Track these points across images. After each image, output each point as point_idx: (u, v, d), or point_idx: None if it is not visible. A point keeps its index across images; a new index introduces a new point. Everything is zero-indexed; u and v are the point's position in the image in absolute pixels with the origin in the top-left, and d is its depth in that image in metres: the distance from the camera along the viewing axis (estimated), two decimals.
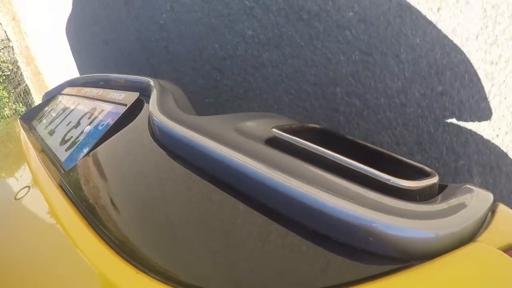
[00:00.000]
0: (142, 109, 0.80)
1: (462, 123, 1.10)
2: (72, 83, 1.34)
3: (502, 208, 0.47)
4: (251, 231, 0.44)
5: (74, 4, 2.21)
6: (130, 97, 0.86)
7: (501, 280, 0.35)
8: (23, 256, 0.56)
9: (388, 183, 0.43)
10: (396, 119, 1.20)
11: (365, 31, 1.16)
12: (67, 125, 0.99)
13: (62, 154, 0.84)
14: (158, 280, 0.41)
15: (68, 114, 1.05)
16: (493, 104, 1.03)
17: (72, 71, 2.49)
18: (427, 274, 0.34)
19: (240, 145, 0.51)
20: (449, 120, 1.12)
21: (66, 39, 2.42)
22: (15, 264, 0.56)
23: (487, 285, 0.34)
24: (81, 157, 0.76)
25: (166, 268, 0.43)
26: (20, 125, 1.19)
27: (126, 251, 0.47)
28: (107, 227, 0.53)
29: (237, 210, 0.46)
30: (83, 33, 2.27)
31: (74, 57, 2.46)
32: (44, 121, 1.17)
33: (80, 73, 2.46)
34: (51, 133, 1.02)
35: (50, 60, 2.79)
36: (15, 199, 0.69)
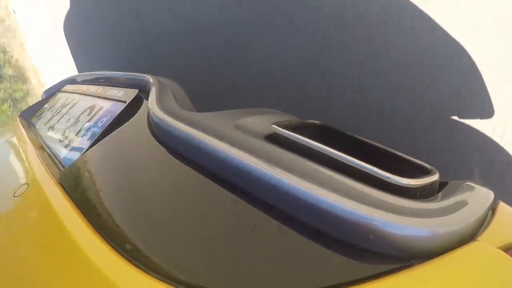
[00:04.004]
0: (141, 106, 0.80)
1: (463, 121, 1.09)
2: (71, 81, 1.34)
3: (502, 206, 0.47)
4: (251, 229, 0.43)
5: (72, 1, 2.20)
6: (129, 94, 0.86)
7: (502, 280, 0.35)
8: (22, 253, 0.56)
9: (388, 181, 0.43)
10: (395, 115, 1.20)
11: None
12: (66, 122, 0.98)
13: (62, 151, 0.84)
14: (159, 279, 0.41)
15: (68, 111, 1.05)
16: (496, 102, 1.03)
17: (71, 69, 2.48)
18: (428, 274, 0.34)
19: (239, 141, 0.50)
20: (451, 117, 1.11)
21: (64, 37, 2.41)
22: (14, 262, 0.56)
23: (487, 285, 0.34)
24: (80, 154, 0.76)
25: (166, 267, 0.43)
26: (19, 122, 1.19)
27: (126, 249, 0.47)
28: (106, 225, 0.53)
29: (237, 208, 0.46)
30: (83, 30, 2.26)
31: (72, 55, 2.45)
32: (43, 118, 1.17)
33: (79, 71, 2.46)
34: (51, 130, 1.02)
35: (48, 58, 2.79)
36: (14, 196, 0.69)
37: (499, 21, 0.95)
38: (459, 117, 1.10)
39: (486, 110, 1.05)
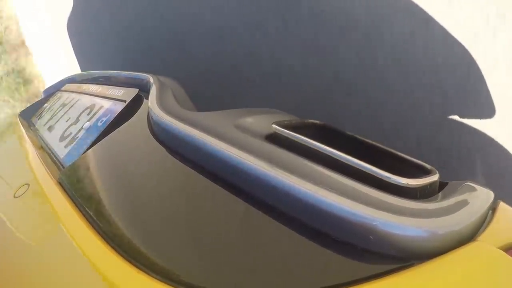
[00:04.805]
0: (141, 105, 0.80)
1: (464, 121, 1.09)
2: (71, 80, 1.34)
3: (502, 206, 0.47)
4: (251, 229, 0.43)
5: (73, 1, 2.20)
6: (129, 93, 0.86)
7: (502, 281, 0.35)
8: (22, 254, 0.56)
9: (388, 181, 0.43)
10: (395, 115, 1.20)
11: None
12: (66, 121, 0.98)
13: (61, 151, 0.84)
14: (159, 280, 0.41)
15: (68, 111, 1.05)
16: (497, 103, 1.03)
17: (72, 68, 2.48)
18: (428, 274, 0.34)
19: (239, 141, 0.50)
20: (451, 117, 1.11)
21: (67, 35, 2.41)
22: (13, 262, 0.56)
23: (487, 285, 0.34)
24: (80, 153, 0.76)
25: (167, 267, 0.43)
26: (19, 121, 1.19)
27: (126, 249, 0.47)
28: (106, 225, 0.53)
29: (237, 208, 0.46)
30: (85, 29, 2.26)
31: (75, 54, 2.45)
32: (43, 117, 1.17)
33: (81, 70, 2.46)
34: (51, 129, 1.02)
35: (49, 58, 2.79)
36: (14, 196, 0.69)
37: (500, 21, 0.95)
38: (460, 117, 1.10)
39: (486, 110, 1.05)
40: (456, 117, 1.11)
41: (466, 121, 1.10)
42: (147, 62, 1.91)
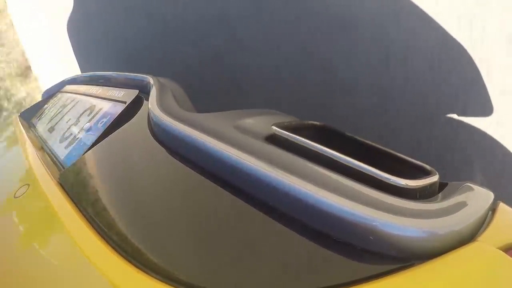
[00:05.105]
0: (141, 106, 0.80)
1: (466, 122, 1.10)
2: (72, 81, 1.34)
3: (502, 207, 0.47)
4: (251, 229, 0.43)
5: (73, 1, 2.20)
6: (129, 94, 0.86)
7: (502, 281, 0.35)
8: (22, 254, 0.56)
9: (388, 182, 0.43)
10: (396, 114, 1.20)
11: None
12: (66, 122, 0.98)
13: (62, 152, 0.84)
14: (159, 280, 0.41)
15: (68, 112, 1.05)
16: (497, 101, 1.03)
17: (72, 69, 2.49)
18: (427, 274, 0.34)
19: (239, 142, 0.50)
20: (451, 117, 1.11)
21: (65, 36, 2.41)
22: (14, 262, 0.56)
23: (487, 285, 0.34)
24: (80, 154, 0.76)
25: (167, 267, 0.43)
26: (19, 122, 1.19)
27: (126, 250, 0.47)
28: (107, 225, 0.53)
29: (237, 208, 0.46)
30: (84, 30, 2.26)
31: (75, 55, 2.45)
32: (43, 118, 1.17)
33: (82, 71, 2.46)
34: (51, 130, 1.02)
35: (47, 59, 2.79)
36: (14, 197, 0.69)
37: (501, 20, 0.95)
38: (460, 118, 1.10)
39: (486, 111, 1.05)
40: (456, 118, 1.11)
41: (466, 121, 1.10)
42: (145, 62, 1.91)
